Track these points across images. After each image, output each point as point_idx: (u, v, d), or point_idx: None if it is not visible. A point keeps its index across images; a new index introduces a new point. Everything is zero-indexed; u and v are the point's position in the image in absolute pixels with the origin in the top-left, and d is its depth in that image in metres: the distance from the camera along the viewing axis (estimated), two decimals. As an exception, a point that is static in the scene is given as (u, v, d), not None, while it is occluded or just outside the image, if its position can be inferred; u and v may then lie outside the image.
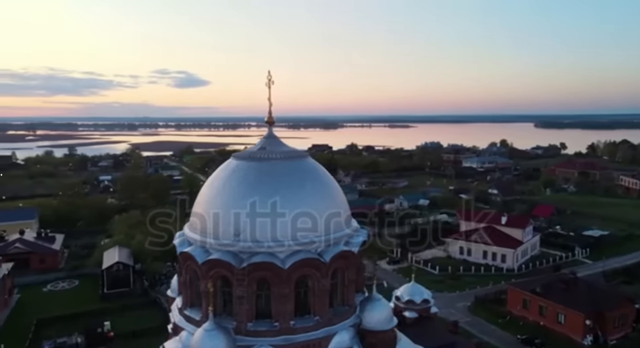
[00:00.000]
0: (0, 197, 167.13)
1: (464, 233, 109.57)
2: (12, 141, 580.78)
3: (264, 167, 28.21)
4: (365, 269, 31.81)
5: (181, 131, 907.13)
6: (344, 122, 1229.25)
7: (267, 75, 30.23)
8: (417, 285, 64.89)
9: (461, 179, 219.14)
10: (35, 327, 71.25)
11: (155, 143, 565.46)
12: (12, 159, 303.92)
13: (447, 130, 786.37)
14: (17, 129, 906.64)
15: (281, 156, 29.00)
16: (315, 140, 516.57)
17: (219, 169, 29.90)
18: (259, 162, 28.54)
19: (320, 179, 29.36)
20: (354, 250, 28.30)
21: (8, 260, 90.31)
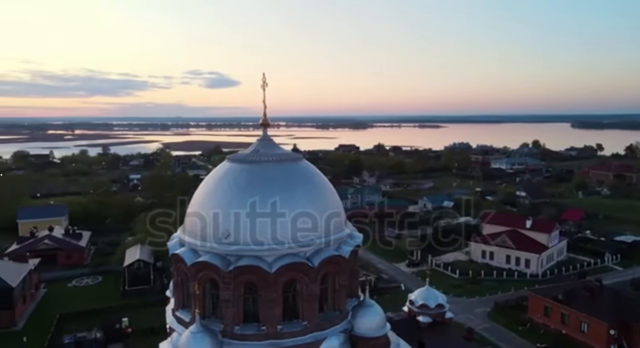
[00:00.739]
0: (35, 194, 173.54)
1: (487, 237, 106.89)
2: (52, 140, 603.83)
3: (255, 170, 28.17)
4: (358, 274, 31.18)
5: (211, 131, 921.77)
6: (373, 122, 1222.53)
7: (262, 77, 30.20)
8: (432, 290, 63.75)
9: (489, 181, 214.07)
10: (57, 321, 73.63)
11: (186, 143, 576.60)
12: (50, 157, 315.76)
13: (478, 131, 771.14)
14: (56, 129, 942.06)
15: (273, 159, 28.89)
16: (343, 140, 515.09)
17: (213, 170, 30.04)
18: (250, 164, 28.54)
19: (313, 182, 29.09)
20: (345, 255, 27.88)
21: (37, 255, 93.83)
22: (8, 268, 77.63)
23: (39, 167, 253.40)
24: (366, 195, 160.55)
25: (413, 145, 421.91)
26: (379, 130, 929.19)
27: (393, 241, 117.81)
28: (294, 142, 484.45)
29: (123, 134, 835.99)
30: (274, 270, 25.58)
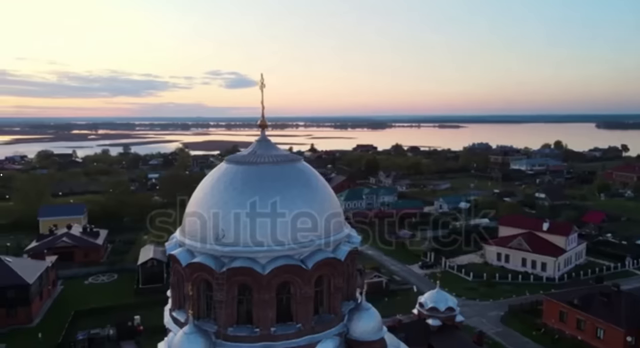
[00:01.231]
0: (57, 193, 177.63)
1: (503, 239, 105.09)
2: (76, 140, 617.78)
3: (251, 171, 28.12)
4: (357, 276, 30.84)
5: (231, 131, 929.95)
6: (392, 122, 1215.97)
7: (260, 78, 30.16)
8: (442, 292, 63.04)
9: (508, 182, 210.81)
10: (72, 318, 75.15)
11: (205, 142, 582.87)
12: (72, 157, 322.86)
13: (498, 131, 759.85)
14: (80, 129, 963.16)
15: (271, 160, 28.79)
16: (361, 140, 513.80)
17: (211, 171, 30.13)
18: (247, 165, 28.49)
19: (310, 183, 28.88)
20: (341, 258, 27.62)
21: (55, 253, 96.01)
22: (25, 266, 79.55)
23: (62, 166, 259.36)
24: (381, 196, 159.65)
25: (431, 146, 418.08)
26: (398, 130, 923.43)
27: (407, 242, 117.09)
28: (312, 142, 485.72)
29: (144, 133, 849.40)
30: (267, 271, 25.49)
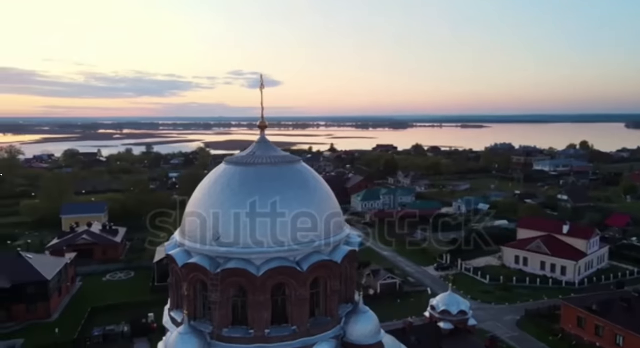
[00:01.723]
0: (80, 191, 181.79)
1: (521, 242, 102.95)
2: (102, 139, 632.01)
3: (249, 172, 28.14)
4: (356, 279, 30.49)
5: (252, 130, 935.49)
6: (414, 122, 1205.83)
7: (260, 79, 30.16)
8: (454, 295, 62.09)
9: (530, 183, 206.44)
10: (89, 314, 76.73)
11: (226, 142, 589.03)
12: (97, 155, 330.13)
13: (523, 131, 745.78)
14: (106, 128, 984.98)
15: (268, 161, 28.75)
16: (381, 140, 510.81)
17: (211, 172, 30.24)
18: (245, 167, 28.51)
19: (307, 185, 28.71)
20: (337, 260, 27.37)
21: (75, 250, 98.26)
22: (45, 262, 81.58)
23: (86, 165, 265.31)
24: (399, 196, 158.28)
25: (453, 146, 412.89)
26: (419, 130, 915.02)
27: (422, 244, 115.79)
28: (332, 142, 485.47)
29: (168, 133, 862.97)
30: (261, 273, 25.45)
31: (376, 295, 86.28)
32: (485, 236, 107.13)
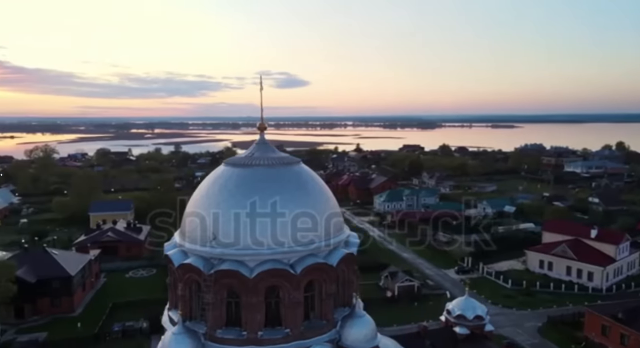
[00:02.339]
0: (110, 189, 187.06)
1: (546, 246, 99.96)
2: (134, 139, 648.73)
3: (246, 174, 28.13)
4: (355, 282, 30.02)
5: (279, 130, 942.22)
6: (443, 122, 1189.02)
7: (259, 80, 30.16)
8: (470, 299, 60.87)
9: (560, 185, 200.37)
10: (110, 309, 78.76)
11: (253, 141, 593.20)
12: (128, 154, 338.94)
13: (556, 131, 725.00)
14: (138, 128, 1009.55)
15: (266, 163, 28.68)
16: (409, 141, 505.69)
17: (210, 173, 30.38)
18: (242, 168, 28.51)
19: (305, 186, 28.43)
20: (332, 263, 27.06)
21: (100, 247, 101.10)
22: (70, 258, 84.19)
23: (117, 164, 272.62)
24: (422, 197, 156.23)
25: (481, 146, 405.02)
26: (448, 130, 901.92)
27: (444, 246, 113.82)
28: (358, 142, 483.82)
29: (197, 132, 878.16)
30: (254, 275, 25.39)
31: (394, 298, 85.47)
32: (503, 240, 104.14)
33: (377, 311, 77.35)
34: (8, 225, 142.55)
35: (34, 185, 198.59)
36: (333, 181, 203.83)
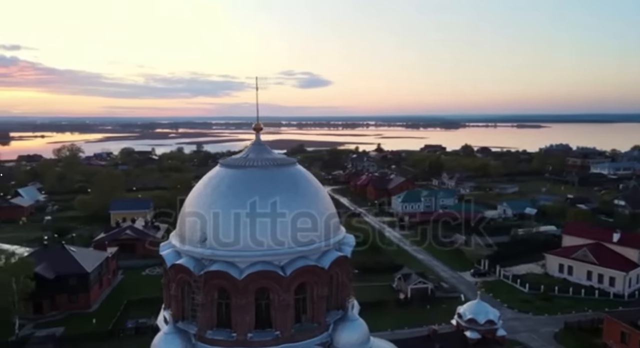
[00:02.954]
0: (131, 188, 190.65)
1: (566, 249, 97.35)
2: (158, 138, 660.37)
3: (239, 175, 28.12)
4: (349, 285, 29.67)
5: (302, 130, 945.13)
6: (467, 122, 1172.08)
7: (255, 81, 30.14)
8: (482, 304, 59.81)
9: (585, 187, 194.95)
10: (125, 306, 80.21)
11: (276, 141, 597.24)
12: (151, 154, 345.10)
13: (584, 131, 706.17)
14: (163, 127, 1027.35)
15: (260, 164, 28.60)
16: (431, 141, 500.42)
17: (206, 174, 30.46)
18: (236, 169, 28.50)
19: (297, 188, 28.14)
20: (324, 266, 26.79)
21: (119, 245, 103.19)
22: (87, 255, 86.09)
23: (140, 163, 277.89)
24: (440, 198, 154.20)
25: (505, 147, 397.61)
26: (472, 130, 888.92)
27: (460, 248, 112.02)
28: (380, 141, 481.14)
29: (220, 132, 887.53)
30: (243, 276, 25.35)
31: (406, 300, 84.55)
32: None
33: (389, 313, 77.74)
34: (34, 222, 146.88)
35: (59, 183, 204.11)
36: (352, 181, 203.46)
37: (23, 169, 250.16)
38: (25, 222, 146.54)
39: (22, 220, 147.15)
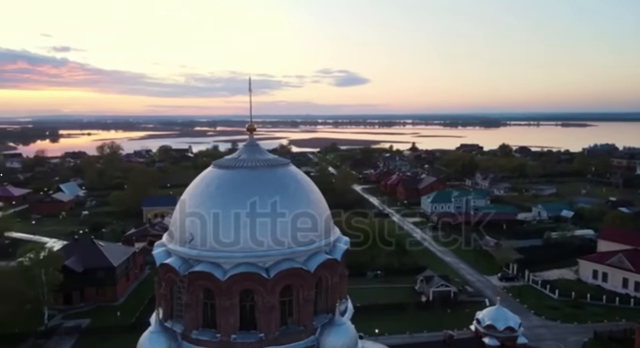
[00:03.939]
0: (166, 184, 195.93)
1: (601, 255, 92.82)
2: (197, 136, 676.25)
3: (228, 176, 28.02)
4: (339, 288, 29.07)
5: (337, 128, 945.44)
6: (508, 120, 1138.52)
7: (248, 82, 30.00)
8: (502, 309, 58.04)
9: (630, 189, 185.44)
10: (149, 300, 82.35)
11: (311, 139, 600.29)
12: (188, 151, 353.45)
13: (633, 130, 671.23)
14: (201, 126, 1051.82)
15: (251, 164, 28.42)
16: (468, 140, 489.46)
17: (199, 175, 30.57)
18: (227, 170, 28.41)
19: (285, 190, 27.74)
20: (310, 269, 26.33)
21: (148, 240, 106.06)
22: (115, 250, 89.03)
23: (176, 160, 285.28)
24: (471, 199, 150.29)
25: (547, 146, 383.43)
26: (513, 129, 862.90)
27: (489, 251, 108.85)
28: (415, 140, 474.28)
29: (257, 130, 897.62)
30: (226, 278, 25.26)
31: (428, 303, 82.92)
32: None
33: (409, 316, 76.36)
34: (73, 216, 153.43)
35: (99, 179, 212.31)
36: (382, 181, 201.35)
37: (67, 165, 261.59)
38: (64, 216, 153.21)
39: (62, 214, 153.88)
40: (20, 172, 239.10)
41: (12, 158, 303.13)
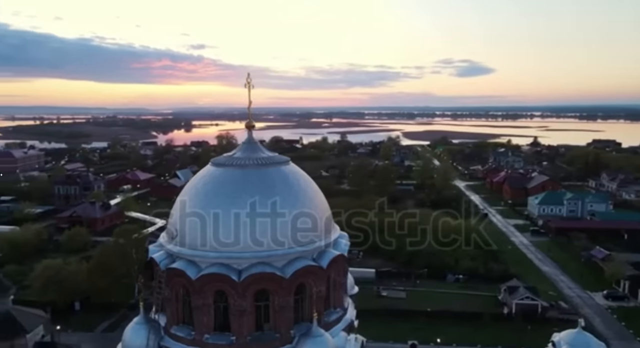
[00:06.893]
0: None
1: None
2: (313, 127, 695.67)
3: (220, 174, 27.80)
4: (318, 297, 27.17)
5: (456, 121, 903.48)
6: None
7: (247, 77, 29.37)
8: (585, 334, 49.90)
9: None
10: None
11: (425, 132, 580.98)
12: (298, 142, 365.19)
13: None
14: (318, 117, 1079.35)
15: (244, 163, 27.82)
16: (606, 135, 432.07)
17: (197, 173, 30.63)
18: (224, 168, 28.14)
19: (272, 190, 26.65)
20: (284, 276, 24.97)
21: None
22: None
23: (285, 151, 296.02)
24: (588, 203, 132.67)
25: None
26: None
27: (599, 263, 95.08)
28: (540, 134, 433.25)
29: (371, 122, 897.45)
30: (197, 277, 25.05)
31: (509, 315, 75.21)
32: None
33: (485, 327, 69.87)
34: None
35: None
36: (488, 177, 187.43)
37: (189, 153, 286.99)
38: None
39: (174, 198, 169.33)
40: (151, 159, 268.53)
41: (147, 146, 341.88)
